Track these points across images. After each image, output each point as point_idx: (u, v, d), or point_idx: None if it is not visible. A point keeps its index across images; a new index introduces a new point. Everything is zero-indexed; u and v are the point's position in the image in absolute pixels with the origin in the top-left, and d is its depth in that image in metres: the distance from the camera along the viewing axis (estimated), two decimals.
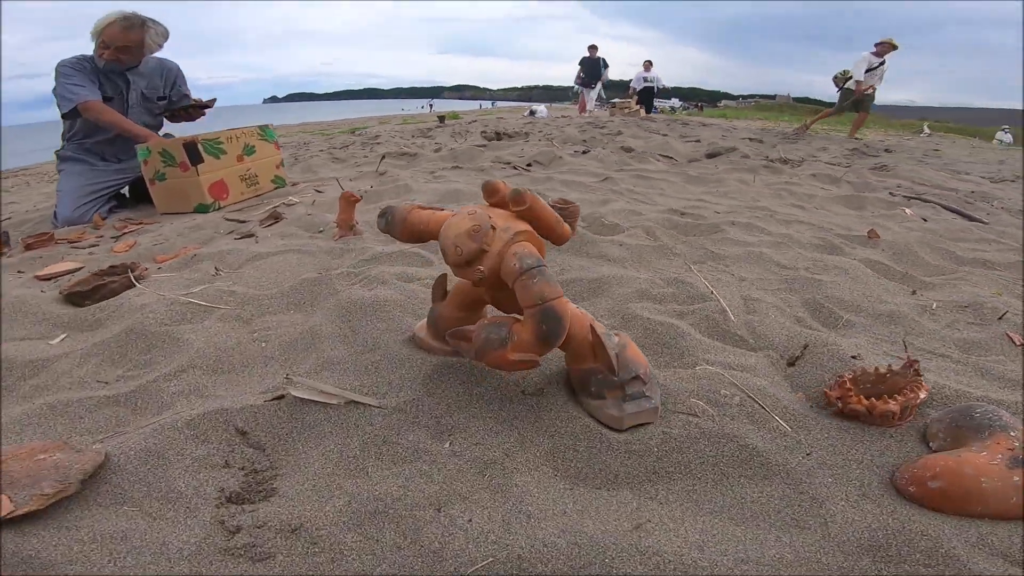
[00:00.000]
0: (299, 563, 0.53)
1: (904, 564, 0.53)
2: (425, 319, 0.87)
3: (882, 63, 4.70)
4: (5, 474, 0.59)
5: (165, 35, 2.28)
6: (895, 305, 1.15)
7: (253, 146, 2.36)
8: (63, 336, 1.05)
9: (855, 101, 4.85)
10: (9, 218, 2.54)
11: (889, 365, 0.78)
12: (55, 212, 2.22)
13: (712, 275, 1.23)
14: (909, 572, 0.52)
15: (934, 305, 1.19)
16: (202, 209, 2.11)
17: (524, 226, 0.65)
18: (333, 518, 0.57)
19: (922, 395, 0.70)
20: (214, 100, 2.51)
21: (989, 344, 1.01)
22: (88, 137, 2.28)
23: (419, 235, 0.73)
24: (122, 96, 2.28)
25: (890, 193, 2.38)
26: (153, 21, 2.25)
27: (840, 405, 0.72)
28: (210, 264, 1.37)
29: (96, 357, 0.93)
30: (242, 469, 0.64)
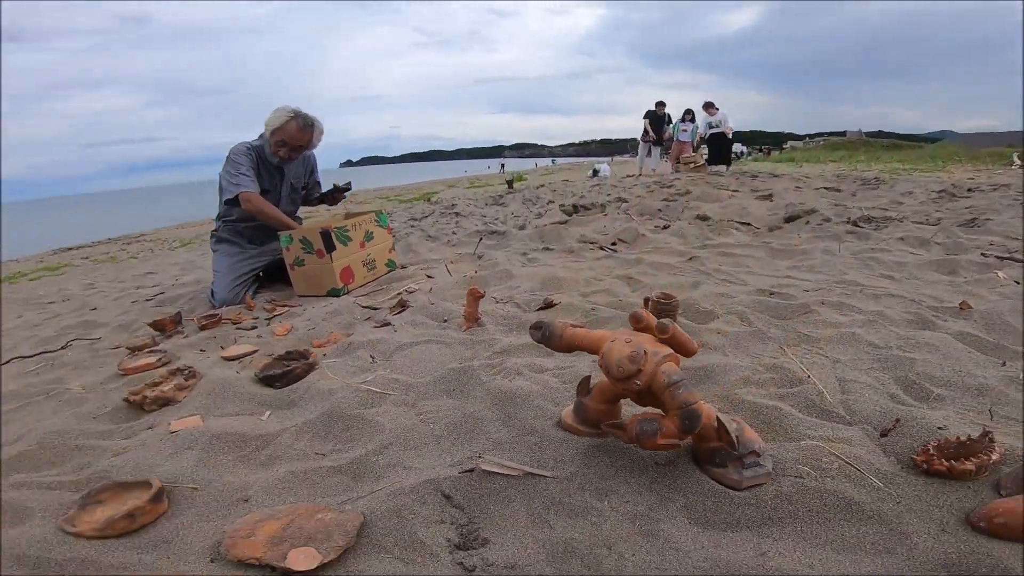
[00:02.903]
0: None
1: None
2: (570, 407, 1.10)
3: None
4: (302, 531, 0.84)
5: (322, 133, 2.51)
6: (984, 378, 1.22)
7: (372, 232, 2.60)
8: (269, 413, 1.34)
9: None
10: (162, 292, 2.99)
11: (968, 435, 0.91)
12: (212, 291, 2.52)
13: (807, 358, 1.36)
14: None
15: (1022, 376, 1.26)
16: (334, 293, 2.37)
17: (668, 350, 0.88)
18: (536, 557, 0.78)
19: (994, 457, 0.85)
20: (349, 184, 2.83)
21: None
22: (240, 221, 2.58)
23: (575, 349, 0.97)
24: (276, 189, 2.58)
25: (982, 254, 2.39)
26: (316, 120, 2.46)
27: (926, 467, 0.87)
28: (365, 352, 1.64)
29: (308, 433, 1.21)
30: (454, 524, 0.87)
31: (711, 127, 8.41)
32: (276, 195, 2.59)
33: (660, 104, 9.11)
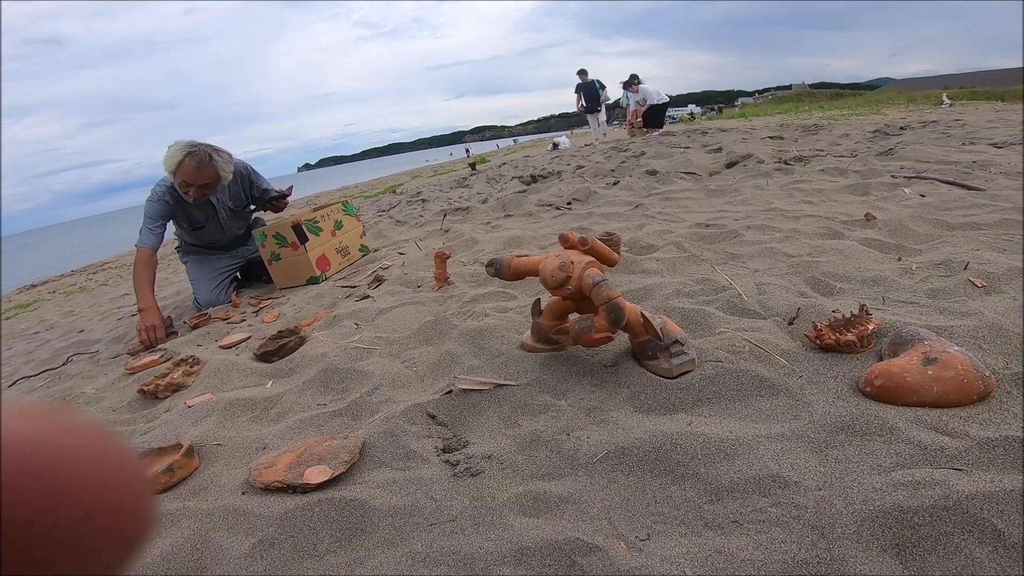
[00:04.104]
0: (496, 473, 0.93)
1: (864, 435, 0.85)
2: (528, 332, 1.28)
3: None
4: (314, 455, 1.02)
5: (230, 159, 2.37)
6: (879, 271, 1.45)
7: (341, 220, 2.73)
8: (271, 382, 1.50)
9: None
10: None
11: (851, 312, 1.12)
12: (195, 297, 2.55)
13: (732, 271, 1.58)
14: (868, 440, 0.85)
15: (914, 266, 1.47)
16: (313, 281, 2.51)
17: (590, 258, 1.06)
18: (507, 448, 0.97)
19: (871, 327, 1.05)
20: (291, 188, 2.79)
21: (953, 290, 1.28)
22: (201, 245, 2.65)
23: (522, 274, 1.15)
24: (213, 219, 2.52)
25: (891, 176, 2.65)
26: (215, 150, 2.29)
27: (819, 342, 1.07)
28: (350, 321, 1.80)
29: (309, 390, 1.37)
30: (440, 437, 1.05)
31: (639, 104, 8.47)
32: (216, 226, 2.57)
33: (581, 73, 9.01)
